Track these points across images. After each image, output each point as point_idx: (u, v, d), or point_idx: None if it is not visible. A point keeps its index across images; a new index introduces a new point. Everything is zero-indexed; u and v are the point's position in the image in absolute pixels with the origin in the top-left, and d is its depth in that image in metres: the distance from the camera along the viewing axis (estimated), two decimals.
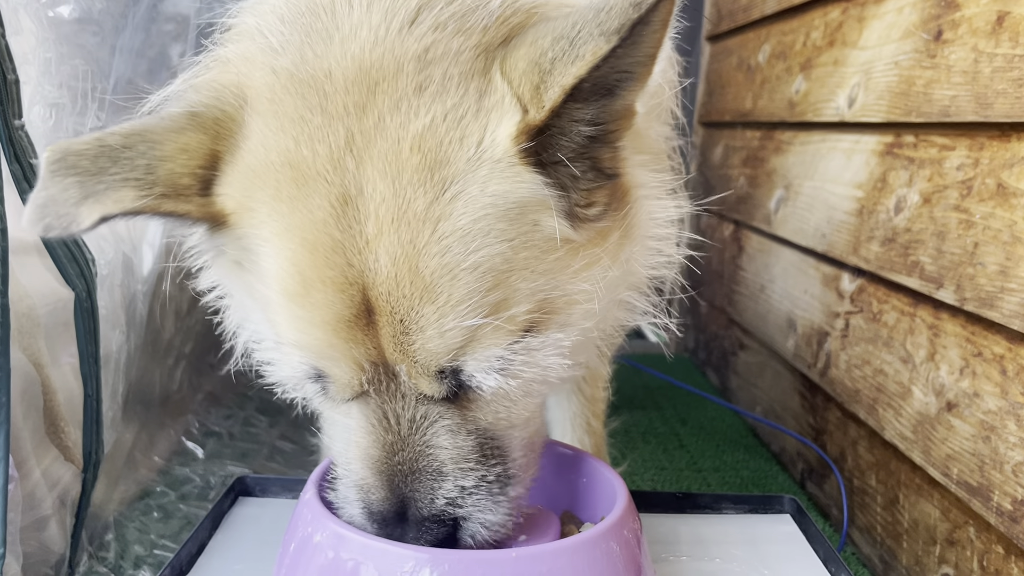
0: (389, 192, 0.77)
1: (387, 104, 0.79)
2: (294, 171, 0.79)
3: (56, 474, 1.25)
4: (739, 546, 1.25)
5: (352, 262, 0.78)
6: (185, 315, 1.80)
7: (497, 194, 0.79)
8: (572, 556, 0.90)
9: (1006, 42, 1.17)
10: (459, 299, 0.78)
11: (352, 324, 0.80)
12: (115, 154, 0.78)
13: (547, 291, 0.84)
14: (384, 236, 0.77)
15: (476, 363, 0.81)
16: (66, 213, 0.76)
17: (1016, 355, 1.12)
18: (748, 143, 2.26)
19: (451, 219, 0.77)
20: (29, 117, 1.13)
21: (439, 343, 0.79)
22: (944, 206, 1.31)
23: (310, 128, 0.80)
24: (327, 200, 0.78)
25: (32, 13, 1.24)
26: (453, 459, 0.86)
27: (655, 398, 2.34)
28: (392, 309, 0.78)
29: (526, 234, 0.81)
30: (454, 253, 0.77)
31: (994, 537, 1.17)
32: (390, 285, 0.77)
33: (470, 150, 0.78)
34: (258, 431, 1.95)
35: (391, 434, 0.86)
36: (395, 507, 0.87)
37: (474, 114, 0.79)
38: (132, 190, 0.78)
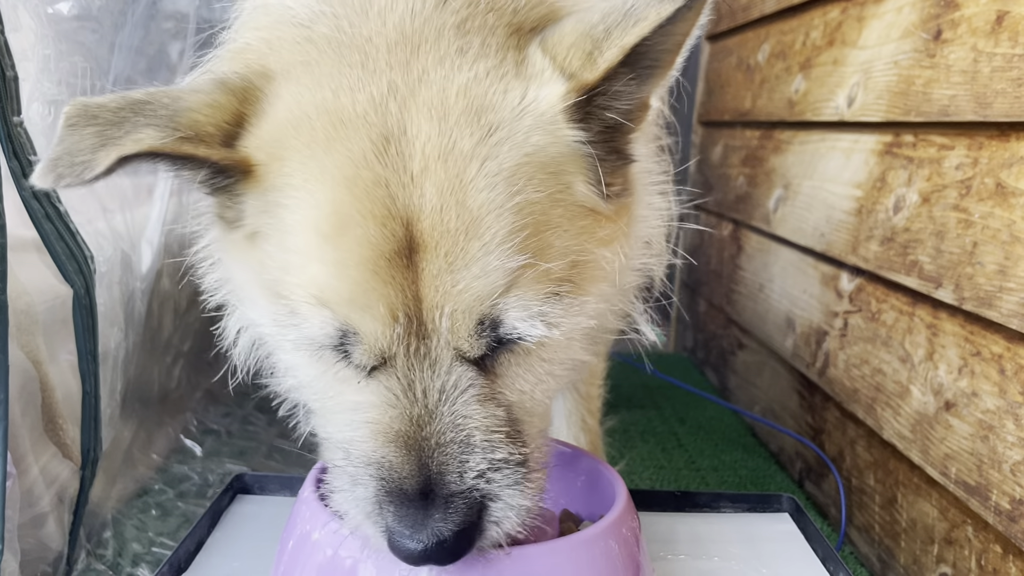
0: (435, 131, 0.79)
1: (431, 60, 0.83)
2: (331, 117, 0.81)
3: (54, 471, 1.24)
4: (737, 545, 1.25)
5: (396, 196, 0.78)
6: (183, 313, 1.80)
7: (539, 146, 0.82)
8: (571, 554, 0.90)
9: (1005, 42, 1.17)
10: (504, 237, 0.78)
11: (392, 262, 0.78)
12: (137, 106, 0.79)
13: (577, 254, 0.85)
14: (430, 171, 0.78)
15: (517, 312, 0.80)
16: (81, 161, 0.76)
17: (1014, 355, 1.13)
18: (747, 142, 2.26)
19: (497, 160, 0.79)
20: (28, 114, 1.13)
21: (483, 282, 0.78)
22: (943, 206, 1.31)
23: (349, 80, 0.82)
24: (367, 139, 0.79)
25: (31, 10, 1.24)
26: (483, 430, 0.82)
27: (654, 397, 2.34)
28: (437, 243, 0.77)
29: (561, 192, 0.84)
30: (499, 191, 0.78)
31: (992, 536, 1.17)
32: (435, 218, 0.77)
33: (515, 101, 0.82)
34: (256, 429, 1.95)
35: (418, 406, 0.81)
36: (420, 484, 0.80)
37: (515, 75, 0.83)
38: (153, 130, 0.78)
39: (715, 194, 2.50)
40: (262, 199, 0.84)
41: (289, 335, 0.84)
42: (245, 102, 0.85)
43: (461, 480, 0.80)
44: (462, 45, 0.84)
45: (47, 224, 1.16)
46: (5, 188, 1.05)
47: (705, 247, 2.62)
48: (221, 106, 0.83)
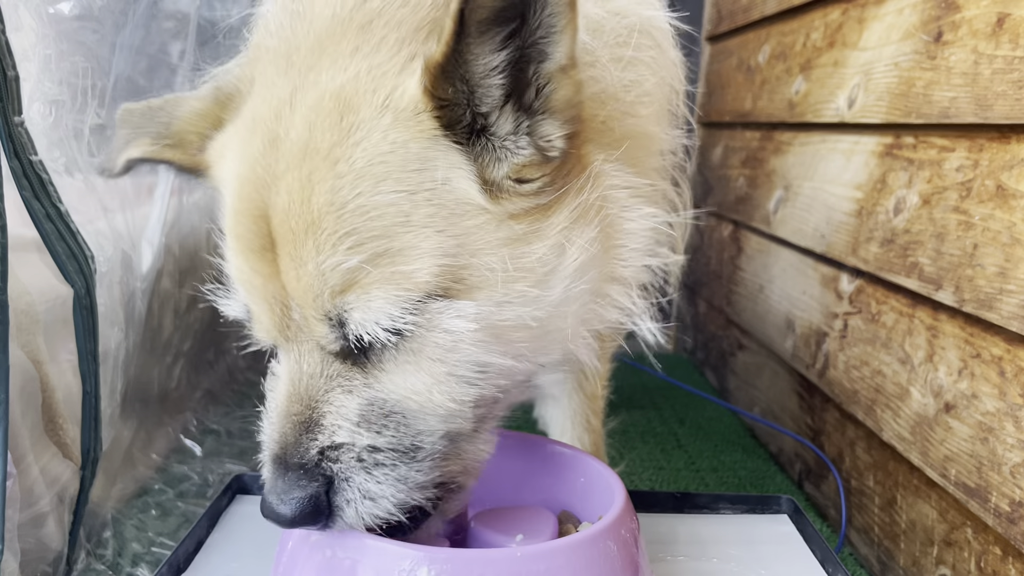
0: (304, 134, 0.82)
1: (327, 63, 0.84)
2: (250, 122, 0.88)
3: (54, 471, 1.24)
4: (736, 546, 1.25)
5: (263, 195, 0.83)
6: (184, 313, 1.80)
7: (398, 143, 0.80)
8: (570, 555, 0.90)
9: (1006, 44, 1.17)
10: (340, 237, 0.79)
11: (261, 256, 0.85)
12: (152, 113, 1.01)
13: (456, 257, 0.81)
14: (289, 171, 0.82)
15: (361, 314, 0.80)
16: (113, 158, 1.01)
17: (1015, 357, 1.13)
18: (748, 143, 2.27)
19: (349, 161, 0.80)
20: (29, 114, 1.13)
21: (319, 280, 0.80)
22: (943, 207, 1.31)
23: (273, 88, 0.87)
24: (262, 142, 0.85)
25: (32, 9, 1.24)
26: (333, 415, 0.86)
27: (653, 398, 2.34)
28: (284, 240, 0.82)
29: (430, 190, 0.81)
30: (343, 193, 0.79)
31: (992, 538, 1.17)
32: (284, 216, 0.81)
33: (379, 99, 0.81)
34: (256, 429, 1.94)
35: (293, 385, 0.88)
36: (280, 452, 0.87)
37: (396, 72, 0.82)
38: (148, 139, 0.99)
39: (715, 195, 2.50)
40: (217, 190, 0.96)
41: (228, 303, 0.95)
42: (225, 108, 0.96)
43: (304, 454, 0.85)
44: (359, 44, 0.84)
45: (48, 224, 1.16)
46: (6, 188, 1.05)
47: (705, 248, 2.62)
48: (205, 114, 0.98)
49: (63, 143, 1.29)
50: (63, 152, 1.28)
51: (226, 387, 2.10)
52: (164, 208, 1.59)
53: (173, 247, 1.67)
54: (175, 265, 1.70)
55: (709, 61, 2.67)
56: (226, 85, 0.98)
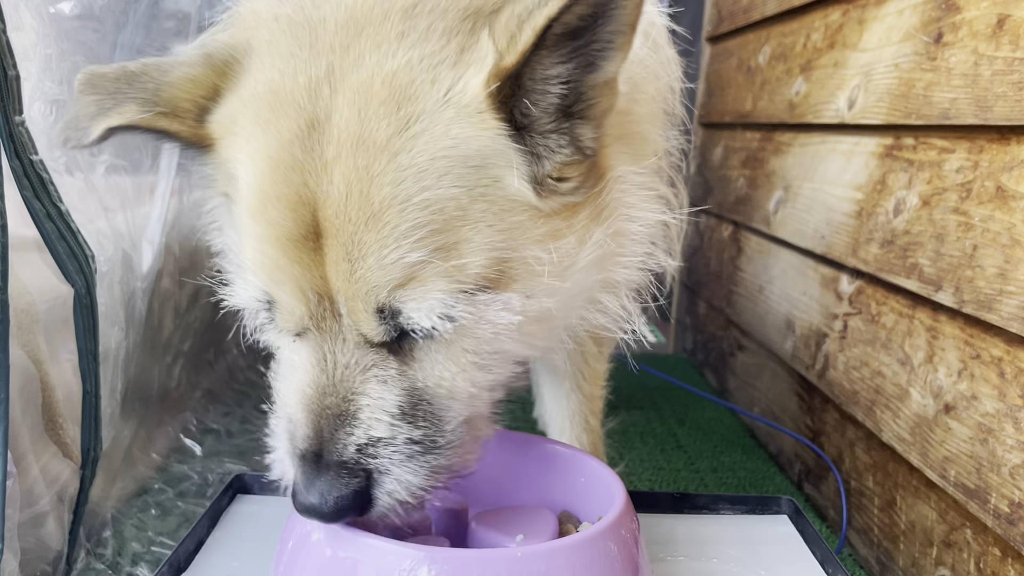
0: (354, 120, 0.79)
1: (369, 45, 0.82)
2: (273, 97, 0.83)
3: (54, 471, 1.25)
4: (736, 547, 1.25)
5: (307, 181, 0.80)
6: (184, 312, 1.80)
7: (460, 139, 0.80)
8: (570, 555, 0.90)
9: (1006, 45, 1.18)
10: (404, 232, 0.78)
11: (300, 244, 0.81)
12: (131, 78, 0.89)
13: (503, 251, 0.84)
14: (342, 159, 0.79)
15: (416, 304, 0.81)
16: (83, 127, 0.87)
17: (1014, 358, 1.13)
18: (748, 144, 2.27)
19: (410, 153, 0.79)
20: (29, 113, 1.13)
21: (379, 274, 0.80)
22: (943, 208, 1.31)
23: (296, 62, 0.84)
24: (296, 123, 0.81)
25: (33, 9, 1.24)
26: (371, 408, 0.86)
27: (653, 398, 2.34)
28: (337, 231, 0.79)
29: (486, 187, 0.82)
30: (406, 186, 0.78)
31: (991, 539, 1.17)
32: (338, 207, 0.79)
33: (440, 92, 0.80)
34: (256, 428, 1.94)
35: (325, 375, 0.86)
36: (315, 447, 0.86)
37: (452, 64, 0.81)
38: (135, 105, 0.87)
39: (715, 196, 2.50)
40: (223, 170, 0.90)
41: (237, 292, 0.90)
42: (222, 76, 0.89)
43: (343, 451, 0.85)
44: (404, 29, 0.82)
45: (48, 223, 1.16)
46: (7, 187, 1.05)
47: (705, 249, 2.62)
48: (199, 81, 0.89)
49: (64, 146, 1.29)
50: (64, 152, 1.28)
51: (226, 387, 2.10)
52: (164, 208, 1.60)
53: (173, 247, 1.67)
54: (175, 265, 1.70)
55: (709, 62, 2.67)
56: (216, 51, 0.91)
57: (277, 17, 0.87)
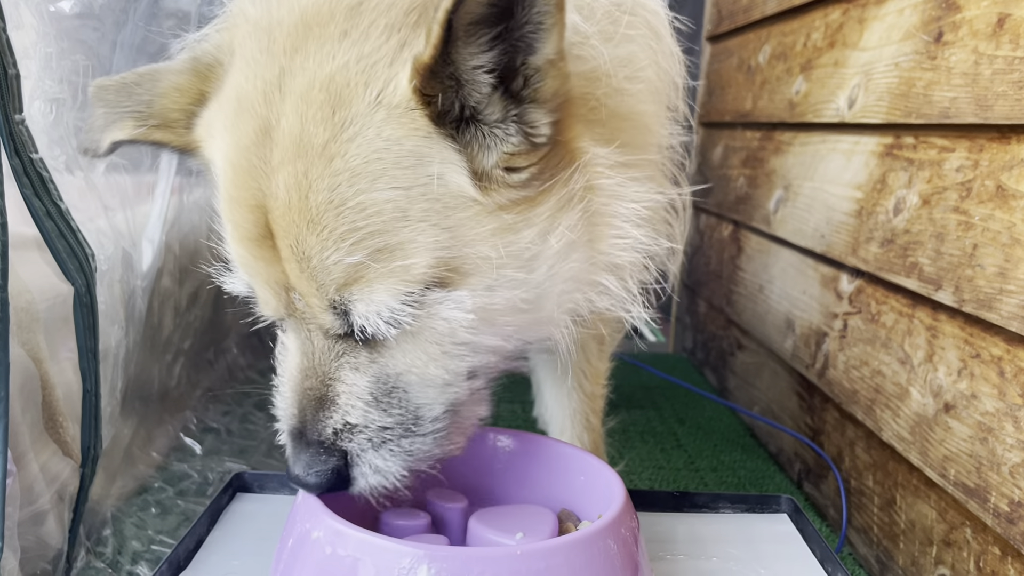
0: (297, 125, 0.81)
1: (314, 47, 0.83)
2: (237, 103, 0.86)
3: (54, 469, 1.25)
4: (736, 545, 1.25)
5: (260, 185, 0.83)
6: (184, 311, 1.80)
7: (392, 139, 0.80)
8: (569, 554, 0.90)
9: (1006, 44, 1.18)
10: (341, 235, 0.80)
11: (260, 244, 0.86)
12: (129, 89, 0.96)
13: (451, 248, 0.83)
14: (285, 165, 0.81)
15: (363, 307, 0.83)
16: (96, 139, 0.95)
17: (1014, 357, 1.13)
18: (748, 143, 2.27)
19: (344, 158, 0.80)
20: (29, 112, 1.13)
21: (322, 274, 0.82)
22: (943, 208, 1.31)
23: (256, 66, 0.86)
24: (252, 128, 0.84)
25: (33, 8, 1.24)
26: (347, 394, 0.90)
27: (653, 397, 2.34)
28: (284, 233, 0.83)
29: (424, 185, 0.82)
30: (341, 191, 0.80)
31: (991, 538, 1.17)
32: (283, 211, 0.82)
33: (372, 94, 0.80)
34: (256, 427, 1.95)
35: (306, 359, 0.91)
36: (299, 426, 0.92)
37: (388, 63, 0.81)
38: (132, 120, 0.95)
39: (715, 195, 2.50)
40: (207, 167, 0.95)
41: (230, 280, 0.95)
42: (206, 80, 0.94)
43: (322, 432, 0.91)
44: (347, 27, 0.82)
45: (48, 222, 1.16)
46: (7, 185, 1.05)
47: (705, 248, 2.62)
48: (185, 89, 0.94)
49: (64, 141, 1.29)
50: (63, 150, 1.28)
51: (226, 386, 2.10)
52: (164, 206, 1.60)
53: (173, 245, 1.67)
54: (175, 263, 1.71)
55: (709, 61, 2.67)
56: (203, 55, 0.95)
57: (248, 19, 0.90)
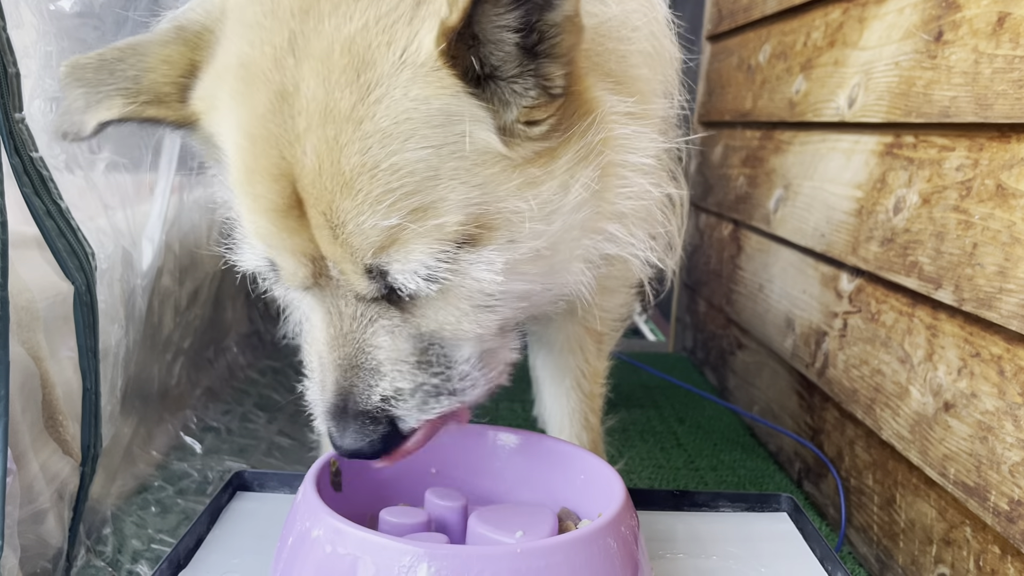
0: (320, 90, 0.79)
1: (327, 7, 0.81)
2: (245, 70, 0.83)
3: (54, 468, 1.25)
4: (736, 544, 1.25)
5: (284, 154, 0.81)
6: (184, 310, 1.80)
7: (419, 99, 0.80)
8: (569, 552, 0.90)
9: (1007, 43, 1.18)
10: (376, 198, 0.80)
11: (286, 214, 0.84)
12: (111, 66, 0.89)
13: (481, 205, 0.84)
14: (312, 131, 0.80)
15: (400, 266, 0.83)
16: (76, 120, 0.87)
17: (1014, 356, 1.13)
18: (748, 143, 2.27)
19: (373, 120, 0.79)
20: (30, 111, 1.13)
21: (359, 239, 0.82)
22: (943, 207, 1.31)
23: (261, 31, 0.83)
24: (267, 96, 0.81)
25: (33, 7, 1.24)
26: (391, 360, 0.90)
27: (653, 397, 2.34)
28: (315, 201, 0.81)
29: (454, 143, 0.82)
30: (374, 153, 0.79)
31: (990, 537, 1.17)
32: (314, 178, 0.80)
33: (396, 54, 0.80)
34: (256, 426, 1.95)
35: (334, 328, 0.90)
36: (340, 399, 0.90)
37: (407, 21, 0.80)
38: (120, 98, 0.88)
39: (715, 194, 2.50)
40: (210, 144, 0.92)
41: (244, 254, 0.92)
42: (196, 49, 0.89)
43: (368, 400, 0.90)
44: None
45: (48, 221, 1.16)
46: (6, 184, 1.05)
47: (705, 247, 2.62)
48: (175, 61, 0.90)
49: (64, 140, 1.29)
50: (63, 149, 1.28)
51: (226, 384, 2.10)
52: (164, 205, 1.60)
53: (173, 244, 1.67)
54: (175, 262, 1.71)
55: (709, 60, 2.67)
56: (190, 23, 0.91)
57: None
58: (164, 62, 0.89)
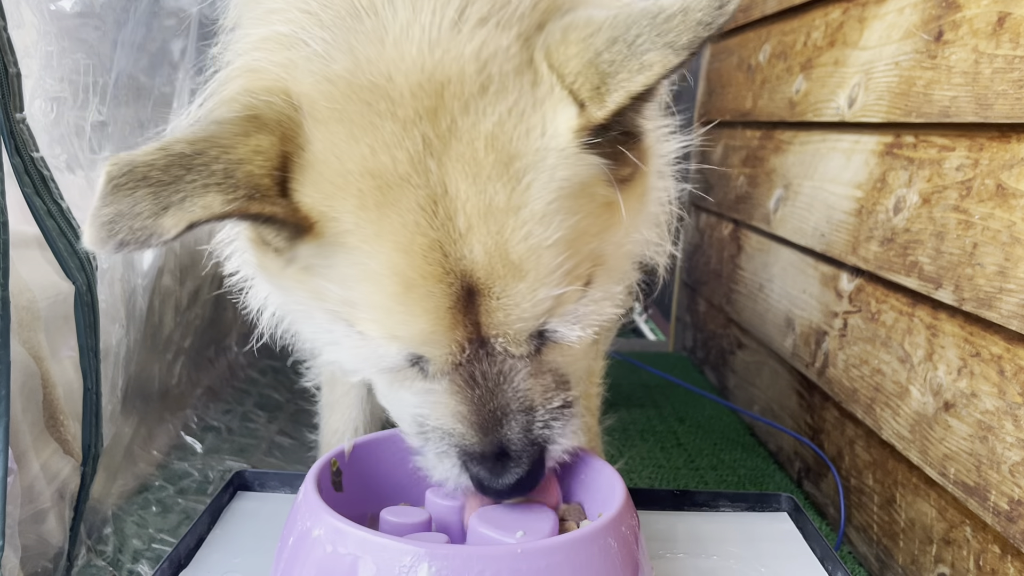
0: (472, 190, 0.83)
1: (457, 107, 0.83)
2: (376, 179, 0.83)
3: (55, 467, 1.25)
4: (736, 544, 1.25)
5: (448, 255, 0.84)
6: (184, 310, 1.80)
7: (564, 178, 0.86)
8: (570, 552, 0.90)
9: (1006, 43, 1.18)
10: (545, 273, 0.86)
11: (454, 310, 0.86)
12: (186, 162, 0.77)
13: (600, 247, 0.93)
14: (474, 229, 0.83)
15: (559, 321, 0.90)
16: (142, 227, 0.74)
17: (1014, 355, 1.13)
18: (748, 142, 2.27)
19: (529, 206, 0.84)
20: (30, 110, 1.13)
21: (531, 312, 0.87)
22: (943, 206, 1.31)
23: (384, 135, 0.83)
24: (416, 203, 0.83)
25: (34, 6, 1.24)
26: (540, 395, 0.95)
27: (653, 396, 2.35)
28: (488, 290, 0.85)
29: (586, 206, 0.89)
30: (536, 235, 0.85)
31: (990, 537, 1.17)
32: (485, 271, 0.84)
33: (536, 142, 0.85)
34: (256, 426, 1.95)
35: (479, 389, 0.92)
36: (493, 447, 0.94)
37: (532, 107, 0.85)
38: (218, 194, 0.77)
39: (715, 194, 2.50)
40: (316, 246, 0.87)
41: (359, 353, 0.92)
42: (286, 141, 0.83)
43: (529, 435, 0.94)
44: (483, 82, 0.84)
45: (49, 220, 1.16)
46: (7, 184, 1.05)
47: (705, 247, 2.62)
48: (266, 152, 0.82)
49: (64, 140, 1.29)
50: (64, 149, 1.28)
51: (227, 384, 2.10)
52: None
53: (174, 244, 1.67)
54: (176, 262, 1.71)
55: (709, 60, 2.67)
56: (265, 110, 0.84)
57: (330, 79, 0.84)
58: (256, 153, 0.81)
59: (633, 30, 0.80)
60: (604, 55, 0.81)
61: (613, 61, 0.81)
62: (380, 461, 1.17)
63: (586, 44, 0.83)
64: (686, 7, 0.79)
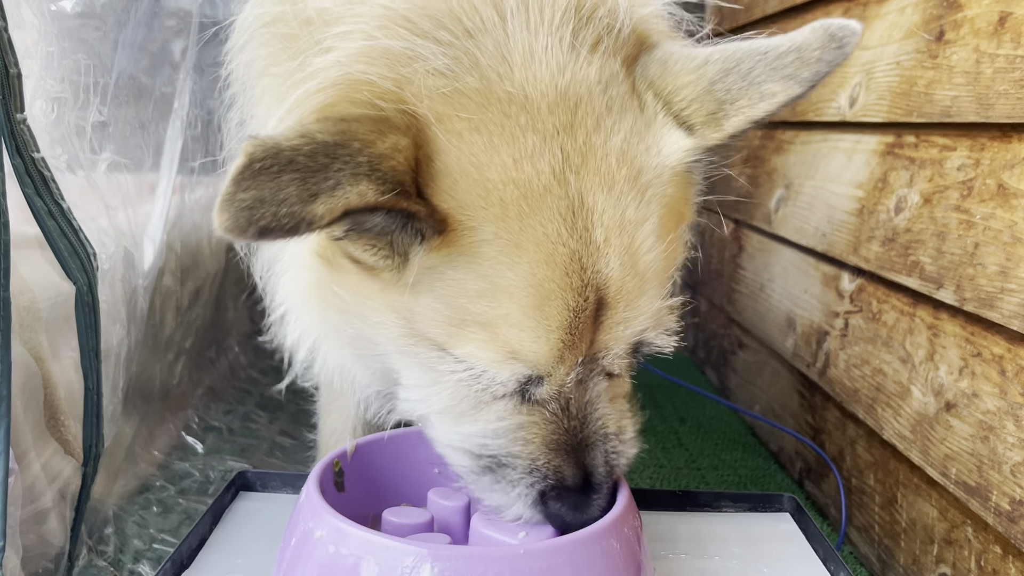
0: (608, 202, 0.86)
1: (590, 123, 0.87)
2: (520, 189, 0.83)
3: (56, 468, 1.25)
4: (738, 544, 1.25)
5: (586, 266, 0.85)
6: (185, 310, 1.80)
7: (673, 195, 0.92)
8: (572, 553, 0.90)
9: (1008, 43, 1.18)
10: (660, 286, 0.91)
11: (586, 323, 0.87)
12: (331, 151, 0.73)
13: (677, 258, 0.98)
14: (611, 242, 0.86)
15: (655, 332, 0.93)
16: (289, 213, 0.70)
17: (1015, 356, 1.13)
18: (749, 142, 2.27)
19: (652, 220, 0.89)
20: (31, 111, 1.13)
21: (643, 324, 0.91)
22: (944, 206, 1.31)
23: (524, 146, 0.84)
24: (557, 214, 0.84)
25: (34, 7, 1.24)
26: (615, 421, 0.97)
27: (654, 396, 2.35)
28: (616, 303, 0.88)
29: (676, 219, 0.96)
30: (657, 249, 0.89)
31: (992, 537, 1.17)
32: (619, 284, 0.87)
33: (655, 159, 0.90)
34: (258, 426, 1.95)
35: (573, 420, 0.93)
36: (581, 479, 0.95)
37: (648, 126, 0.91)
38: (371, 184, 0.75)
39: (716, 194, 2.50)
40: (440, 257, 0.84)
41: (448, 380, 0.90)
42: (418, 146, 0.81)
43: (608, 469, 0.96)
44: (607, 102, 0.88)
45: (50, 221, 1.16)
46: (8, 185, 1.05)
47: (706, 247, 2.62)
48: (405, 150, 0.79)
49: (65, 140, 1.29)
50: (65, 149, 1.28)
51: (228, 384, 2.10)
52: (166, 205, 1.60)
53: (175, 244, 1.67)
54: (177, 262, 1.71)
55: None
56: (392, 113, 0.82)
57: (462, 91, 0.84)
58: (396, 151, 0.78)
59: (745, 64, 0.87)
60: (719, 84, 0.88)
61: (729, 90, 0.88)
62: (383, 461, 1.17)
63: (699, 75, 0.89)
64: (800, 46, 0.91)
